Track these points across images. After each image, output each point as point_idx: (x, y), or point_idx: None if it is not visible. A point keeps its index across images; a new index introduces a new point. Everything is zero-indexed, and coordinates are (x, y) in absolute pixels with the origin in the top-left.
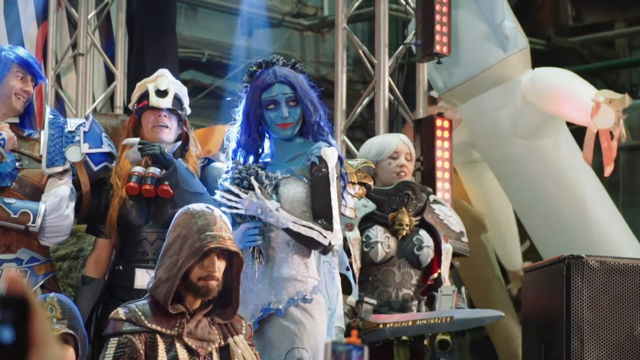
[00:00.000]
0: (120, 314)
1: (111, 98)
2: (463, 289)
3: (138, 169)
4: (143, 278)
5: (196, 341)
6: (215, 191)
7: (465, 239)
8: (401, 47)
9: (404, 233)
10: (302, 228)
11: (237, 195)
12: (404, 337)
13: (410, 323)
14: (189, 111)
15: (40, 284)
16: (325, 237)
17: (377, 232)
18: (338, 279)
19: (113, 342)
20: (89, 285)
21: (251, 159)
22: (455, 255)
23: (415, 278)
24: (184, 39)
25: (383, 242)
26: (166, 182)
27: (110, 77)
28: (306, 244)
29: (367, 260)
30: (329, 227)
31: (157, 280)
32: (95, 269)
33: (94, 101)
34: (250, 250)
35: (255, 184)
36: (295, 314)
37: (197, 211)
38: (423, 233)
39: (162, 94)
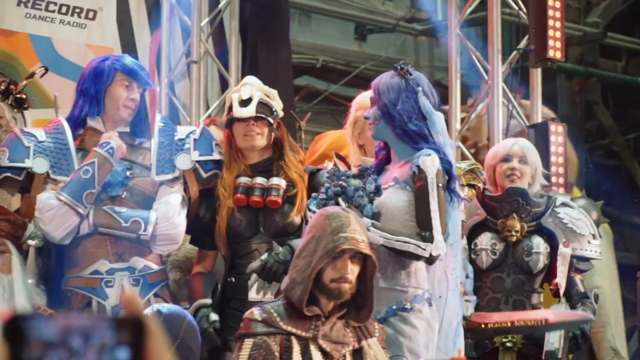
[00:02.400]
0: (256, 315)
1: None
2: (594, 291)
3: (244, 179)
4: (258, 290)
5: (331, 344)
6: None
7: (596, 241)
8: (514, 52)
9: (514, 239)
10: (397, 243)
11: None
12: (509, 344)
13: (509, 324)
14: (280, 114)
15: (153, 292)
16: (424, 249)
17: (484, 239)
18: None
19: (248, 343)
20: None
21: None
22: (582, 259)
23: (528, 284)
24: (298, 45)
25: (488, 249)
26: (274, 193)
27: (224, 84)
28: (406, 257)
29: (475, 267)
30: (429, 238)
31: (291, 282)
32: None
33: (207, 108)
34: None
35: (343, 204)
36: (394, 323)
37: (332, 213)
38: (536, 239)
39: (245, 103)
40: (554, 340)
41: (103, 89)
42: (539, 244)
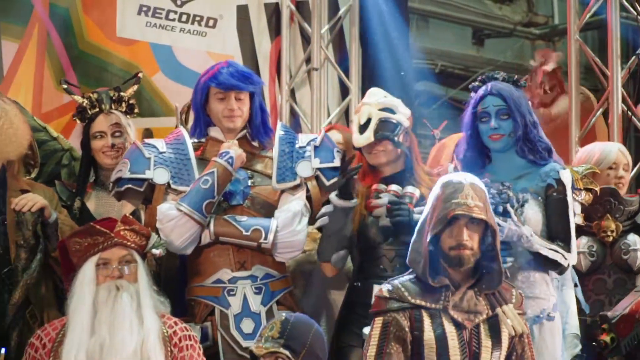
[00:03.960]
0: (385, 292)
1: (346, 112)
2: None
3: (377, 185)
4: None
5: (462, 314)
6: None
7: None
8: (633, 57)
9: (610, 240)
10: (550, 252)
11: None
12: None
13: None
14: (405, 124)
15: (275, 300)
16: (566, 259)
17: (581, 243)
18: (567, 294)
19: (378, 322)
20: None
21: (481, 173)
22: None
23: (629, 282)
24: (417, 50)
25: (586, 252)
26: (407, 200)
27: (344, 91)
28: (547, 266)
29: (575, 271)
30: (566, 248)
31: (414, 254)
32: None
33: (328, 115)
34: None
35: (511, 211)
36: (537, 330)
37: (446, 181)
38: (632, 237)
39: (363, 128)
40: None
41: (200, 106)
42: (635, 242)
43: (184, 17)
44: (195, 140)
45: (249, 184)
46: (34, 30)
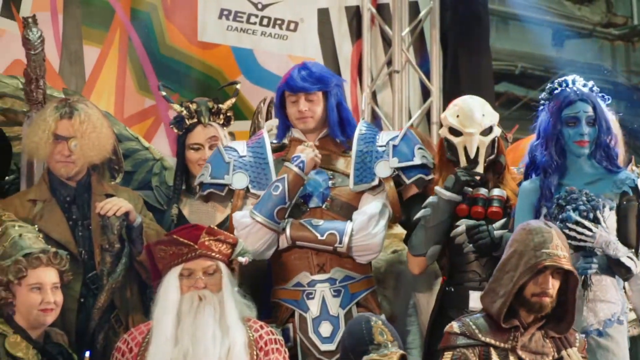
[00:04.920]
0: (455, 328)
1: (427, 114)
2: None
3: (465, 189)
4: (477, 300)
5: (530, 354)
6: (564, 224)
7: None
8: None
9: None
10: (626, 258)
11: (589, 229)
12: None
13: None
14: (497, 132)
15: (355, 302)
16: (636, 266)
17: None
18: None
19: (447, 356)
20: None
21: (555, 179)
22: None
23: None
24: (497, 52)
25: None
26: (496, 204)
27: (425, 94)
28: (618, 271)
29: None
30: (636, 254)
31: (491, 294)
32: None
33: (410, 117)
34: (581, 278)
35: (601, 218)
36: (609, 335)
37: (535, 227)
38: None
39: (473, 161)
40: None
41: (279, 109)
42: None
43: (265, 21)
44: (277, 141)
45: (330, 185)
46: (116, 35)
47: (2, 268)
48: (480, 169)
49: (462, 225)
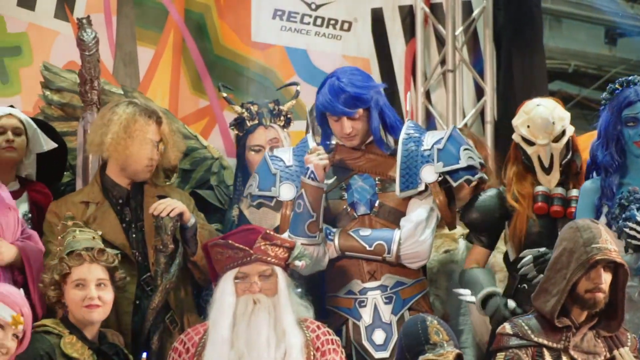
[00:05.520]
0: (507, 329)
1: (481, 113)
2: None
3: (542, 188)
4: None
5: (582, 354)
6: (626, 222)
7: None
8: None
9: None
10: None
11: None
12: None
13: None
14: (570, 132)
15: (407, 307)
16: None
17: None
18: None
19: (500, 357)
20: None
21: (616, 178)
22: None
23: None
24: (550, 50)
25: None
26: (574, 204)
27: (479, 93)
28: None
29: None
30: None
31: (544, 294)
32: None
33: (464, 117)
34: None
35: None
36: None
37: (583, 225)
38: None
39: (549, 170)
40: None
41: (320, 124)
42: None
43: (318, 21)
44: (321, 145)
45: (377, 190)
46: (170, 35)
47: (49, 268)
48: (556, 174)
49: (529, 256)
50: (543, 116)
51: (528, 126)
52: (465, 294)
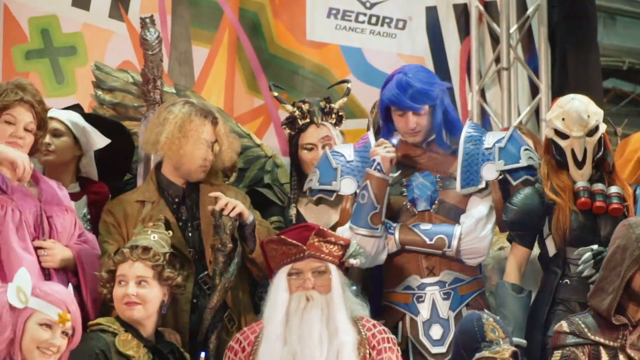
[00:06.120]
0: (564, 327)
1: (536, 111)
2: None
3: (583, 183)
4: None
5: (639, 352)
6: None
7: None
8: None
9: None
10: None
11: None
12: None
13: None
14: (602, 129)
15: (464, 304)
16: None
17: None
18: None
19: (557, 355)
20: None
21: None
22: None
23: None
24: (604, 48)
25: None
26: (615, 200)
27: (534, 91)
28: None
29: None
30: None
31: (599, 292)
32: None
33: (519, 114)
34: None
35: None
36: None
37: (635, 222)
38: None
39: (581, 165)
40: None
41: (384, 119)
42: None
43: (373, 19)
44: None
45: (437, 187)
46: (224, 35)
47: (102, 265)
48: (588, 169)
49: (588, 254)
50: (578, 109)
51: (563, 119)
52: (521, 343)
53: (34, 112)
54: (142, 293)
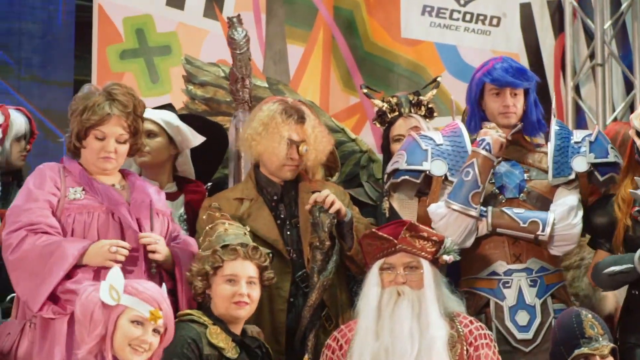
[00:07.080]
0: None
1: (631, 106)
2: None
3: None
4: None
5: None
6: None
7: None
8: None
9: None
10: None
11: None
12: None
13: None
14: None
15: (549, 293)
16: None
17: None
18: None
19: None
20: None
21: None
22: None
23: None
24: None
25: None
26: None
27: (629, 86)
28: None
29: None
30: None
31: None
32: None
33: (613, 110)
34: None
35: None
36: None
37: None
38: None
39: None
40: None
41: (475, 101)
42: None
43: (467, 17)
44: (470, 134)
45: (525, 177)
46: (319, 33)
47: (200, 258)
48: None
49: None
50: None
51: None
52: (614, 268)
53: (125, 124)
54: (251, 293)
